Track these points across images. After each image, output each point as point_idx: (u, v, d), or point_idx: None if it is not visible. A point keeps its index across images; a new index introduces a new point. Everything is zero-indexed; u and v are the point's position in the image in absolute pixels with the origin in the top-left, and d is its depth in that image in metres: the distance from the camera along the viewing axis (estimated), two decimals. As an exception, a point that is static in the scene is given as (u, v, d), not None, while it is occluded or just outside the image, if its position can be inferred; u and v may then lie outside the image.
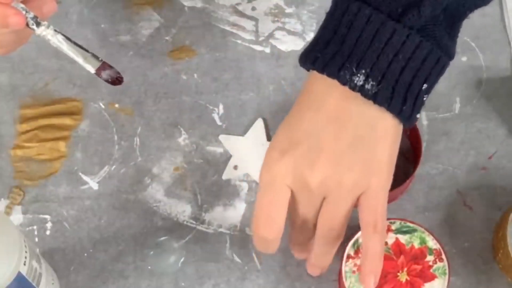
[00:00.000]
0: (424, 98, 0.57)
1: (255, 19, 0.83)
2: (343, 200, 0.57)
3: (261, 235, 0.58)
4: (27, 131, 0.78)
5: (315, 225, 0.59)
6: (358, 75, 0.54)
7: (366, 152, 0.56)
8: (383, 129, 0.56)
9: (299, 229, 0.60)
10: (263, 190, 0.58)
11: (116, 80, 0.59)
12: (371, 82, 0.54)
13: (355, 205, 0.58)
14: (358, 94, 0.55)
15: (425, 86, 0.56)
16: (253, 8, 0.84)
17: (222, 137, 0.77)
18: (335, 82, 0.55)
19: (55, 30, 0.59)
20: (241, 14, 0.83)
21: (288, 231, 0.61)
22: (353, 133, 0.56)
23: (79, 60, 0.59)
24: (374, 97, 0.55)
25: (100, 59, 0.59)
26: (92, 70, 0.59)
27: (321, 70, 0.55)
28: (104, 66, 0.59)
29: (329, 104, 0.56)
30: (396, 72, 0.55)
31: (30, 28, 0.58)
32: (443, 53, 0.56)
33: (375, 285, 0.58)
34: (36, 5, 0.59)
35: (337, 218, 0.58)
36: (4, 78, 0.80)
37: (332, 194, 0.57)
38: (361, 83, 0.54)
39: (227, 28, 0.83)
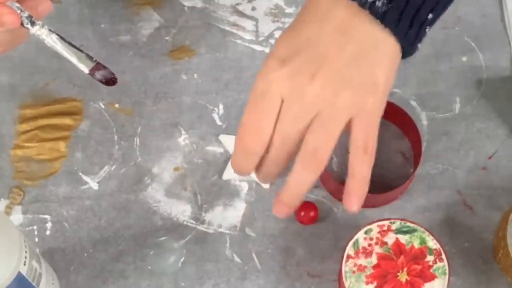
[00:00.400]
0: (427, 30, 0.56)
1: (255, 19, 0.83)
2: (337, 117, 0.55)
3: (245, 145, 0.56)
4: (27, 131, 0.78)
5: (294, 148, 0.56)
6: None
7: (365, 71, 0.55)
8: (385, 51, 0.56)
9: (277, 148, 0.57)
10: (255, 98, 0.56)
11: (110, 81, 0.59)
12: (382, 0, 0.54)
13: (346, 129, 0.56)
14: (366, 12, 0.54)
15: (430, 16, 0.56)
16: (253, 8, 0.84)
17: (222, 137, 0.77)
18: None
19: (50, 30, 0.59)
20: (241, 14, 0.83)
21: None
22: (356, 48, 0.55)
23: (73, 60, 0.59)
24: (383, 16, 0.54)
25: (94, 59, 0.59)
26: (86, 70, 0.59)
27: None
28: (98, 66, 0.59)
29: (335, 17, 0.55)
30: None
31: (24, 27, 0.58)
32: None
33: (358, 208, 0.57)
34: (31, 4, 0.59)
35: (328, 136, 0.55)
36: (4, 78, 0.80)
37: (325, 110, 0.55)
38: None
39: (227, 28, 0.83)
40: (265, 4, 0.84)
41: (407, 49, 0.56)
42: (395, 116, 0.76)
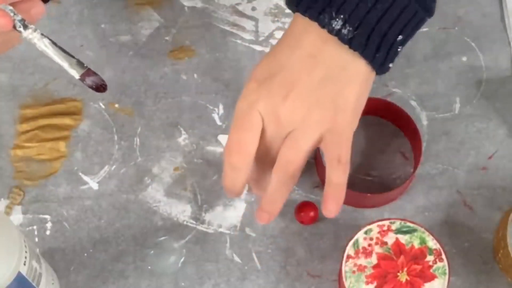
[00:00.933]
0: (399, 49, 0.61)
1: (255, 19, 0.83)
2: (308, 134, 0.60)
3: (232, 161, 0.61)
4: (27, 131, 0.78)
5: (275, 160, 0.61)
6: (337, 19, 0.58)
7: (334, 91, 0.60)
8: (354, 72, 0.60)
9: (260, 160, 0.62)
10: (237, 116, 0.61)
11: (101, 87, 0.59)
12: (348, 28, 0.58)
13: (318, 144, 0.61)
14: (335, 38, 0.59)
15: (400, 37, 0.60)
16: (253, 8, 0.84)
17: (221, 137, 0.77)
18: (315, 25, 0.59)
19: (42, 34, 0.58)
20: (241, 14, 0.83)
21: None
22: (325, 71, 0.60)
23: (65, 65, 0.58)
24: (350, 42, 0.59)
25: (85, 65, 0.59)
26: (77, 76, 0.58)
27: (303, 12, 0.60)
28: (88, 72, 0.59)
29: (306, 43, 0.60)
30: (373, 21, 0.58)
31: (17, 30, 0.57)
32: (421, 8, 0.60)
33: (335, 214, 0.61)
34: (24, 7, 0.58)
35: (298, 151, 0.60)
36: (4, 78, 0.80)
37: (298, 127, 0.60)
38: (338, 27, 0.58)
39: (227, 28, 0.83)
40: (265, 4, 0.84)
41: (378, 70, 0.61)
42: (395, 116, 0.76)
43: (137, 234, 0.74)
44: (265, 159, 0.62)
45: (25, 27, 0.57)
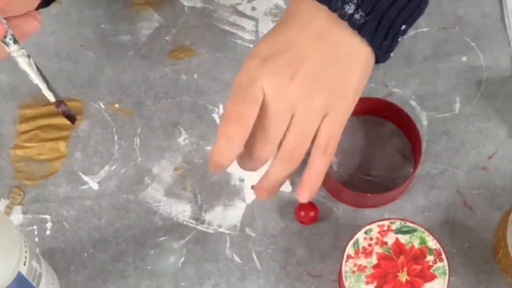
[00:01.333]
0: (399, 39, 0.61)
1: (255, 19, 0.83)
2: (312, 118, 0.59)
3: (229, 132, 0.59)
4: (27, 131, 0.78)
5: (274, 143, 0.60)
6: (350, 4, 0.58)
7: (340, 76, 0.59)
8: (359, 58, 0.60)
9: (254, 136, 0.60)
10: (238, 90, 0.59)
11: (72, 117, 0.58)
12: (361, 13, 0.58)
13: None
14: (345, 23, 0.58)
15: (403, 27, 0.60)
16: (253, 8, 0.84)
17: None
18: (323, 8, 0.58)
19: (28, 56, 0.56)
20: (241, 14, 0.83)
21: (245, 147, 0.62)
22: (333, 54, 0.59)
23: (42, 87, 0.57)
24: (360, 28, 0.58)
25: (60, 97, 0.57)
26: (52, 99, 0.57)
27: None
28: (60, 103, 0.57)
29: (316, 24, 0.59)
30: (384, 7, 0.58)
31: (4, 43, 0.54)
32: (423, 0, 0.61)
33: (307, 199, 0.62)
34: (17, 23, 0.55)
35: (304, 137, 0.60)
36: (4, 78, 0.80)
37: (301, 110, 0.59)
38: (351, 11, 0.58)
39: (227, 28, 0.83)
40: (265, 4, 0.84)
41: (381, 58, 0.61)
42: (395, 116, 0.76)
43: (137, 234, 0.74)
44: (261, 135, 0.60)
45: (15, 41, 0.55)
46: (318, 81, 0.59)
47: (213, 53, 0.81)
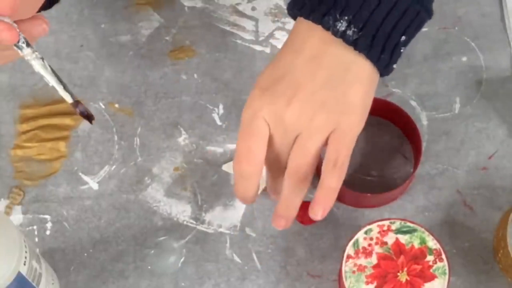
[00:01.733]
0: (402, 50, 0.61)
1: (255, 19, 0.83)
2: (314, 137, 0.60)
3: (242, 169, 0.61)
4: (27, 131, 0.78)
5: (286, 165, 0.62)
6: (341, 21, 0.58)
7: (338, 92, 0.60)
8: (358, 73, 0.60)
9: (272, 167, 0.63)
10: (243, 125, 0.61)
11: (90, 117, 0.59)
12: (353, 29, 0.58)
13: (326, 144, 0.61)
14: (339, 40, 0.59)
15: (403, 38, 0.60)
16: (253, 8, 0.84)
17: (225, 166, 0.76)
18: (318, 27, 0.59)
19: (42, 58, 0.56)
20: (241, 14, 0.83)
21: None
22: (328, 73, 0.59)
23: (59, 88, 0.58)
24: (355, 44, 0.59)
25: (76, 98, 0.57)
26: (70, 100, 0.58)
27: (307, 16, 0.60)
28: (78, 104, 0.58)
29: (309, 46, 0.60)
30: (378, 22, 0.59)
31: (17, 47, 0.54)
32: (423, 9, 0.60)
33: (321, 217, 0.61)
34: (26, 26, 0.54)
35: (306, 155, 0.60)
36: (4, 78, 0.80)
37: (304, 131, 0.60)
38: (343, 28, 0.58)
39: (227, 28, 0.83)
40: (265, 4, 0.84)
41: (383, 71, 0.61)
42: (395, 116, 0.76)
43: (137, 234, 0.74)
44: (276, 165, 0.62)
45: (28, 45, 0.55)
46: (315, 101, 0.59)
47: (213, 53, 0.81)
